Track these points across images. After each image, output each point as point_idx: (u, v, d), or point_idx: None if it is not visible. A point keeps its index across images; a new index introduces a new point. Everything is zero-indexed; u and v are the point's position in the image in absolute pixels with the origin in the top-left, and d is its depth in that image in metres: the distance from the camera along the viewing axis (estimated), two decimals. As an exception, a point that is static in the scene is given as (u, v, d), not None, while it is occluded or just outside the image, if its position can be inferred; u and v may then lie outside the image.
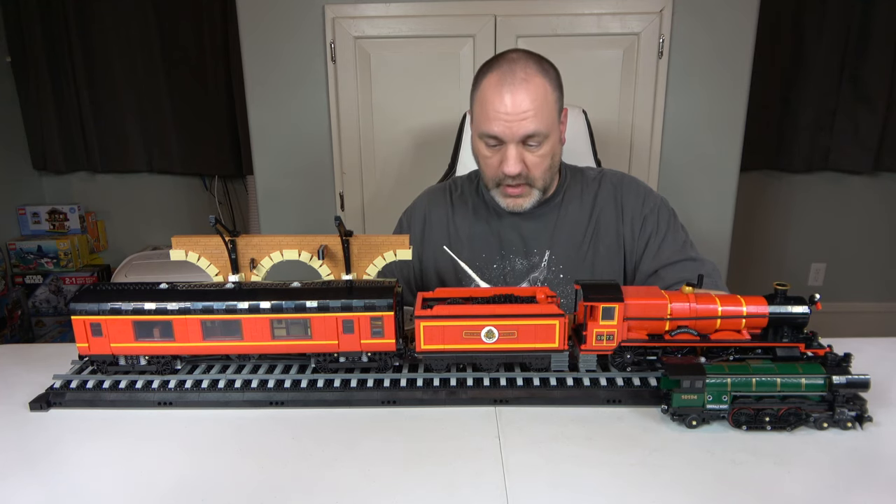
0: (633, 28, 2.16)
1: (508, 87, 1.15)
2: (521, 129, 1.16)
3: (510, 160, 1.18)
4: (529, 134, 1.17)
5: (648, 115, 2.25)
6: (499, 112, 1.16)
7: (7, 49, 2.98)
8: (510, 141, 1.18)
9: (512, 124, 1.15)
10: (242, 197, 3.26)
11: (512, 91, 1.15)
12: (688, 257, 1.28)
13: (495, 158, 1.22)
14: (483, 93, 1.19)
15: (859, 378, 0.85)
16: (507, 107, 1.15)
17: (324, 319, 0.93)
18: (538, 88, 1.16)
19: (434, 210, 1.40)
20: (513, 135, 1.17)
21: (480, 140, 1.23)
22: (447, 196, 1.41)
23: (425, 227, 1.39)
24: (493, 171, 1.24)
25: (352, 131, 2.31)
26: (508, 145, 1.18)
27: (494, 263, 1.34)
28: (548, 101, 1.18)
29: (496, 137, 1.19)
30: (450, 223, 1.38)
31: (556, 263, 1.32)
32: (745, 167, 2.51)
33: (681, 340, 0.94)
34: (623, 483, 0.75)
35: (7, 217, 3.08)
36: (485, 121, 1.19)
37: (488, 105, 1.17)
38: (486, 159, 1.24)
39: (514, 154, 1.18)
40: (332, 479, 0.77)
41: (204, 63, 2.96)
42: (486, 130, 1.19)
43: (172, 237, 1.01)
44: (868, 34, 2.78)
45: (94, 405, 0.95)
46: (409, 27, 2.20)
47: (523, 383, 0.95)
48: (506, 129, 1.16)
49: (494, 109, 1.16)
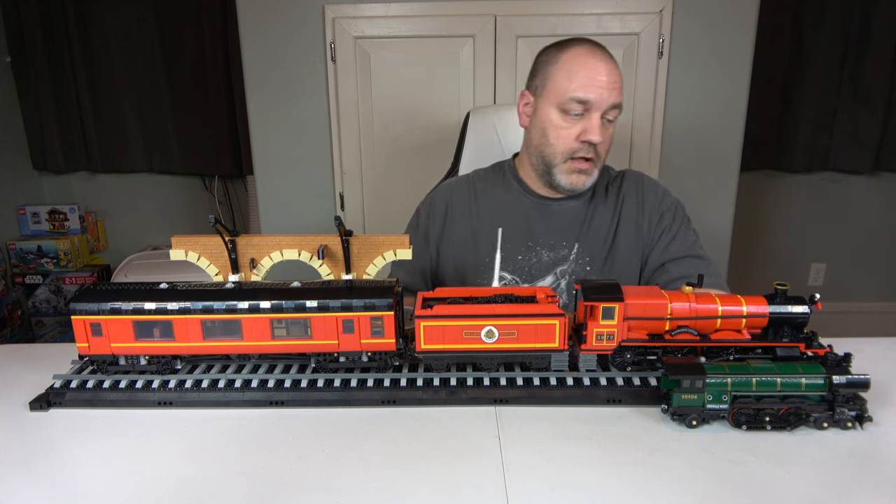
0: (633, 28, 2.16)
1: (599, 56, 1.22)
2: (613, 97, 1.21)
3: (595, 127, 1.21)
4: (616, 104, 1.22)
5: (648, 115, 2.25)
6: (592, 78, 1.20)
7: (7, 49, 2.98)
8: (599, 108, 1.21)
9: (605, 91, 1.20)
10: (242, 197, 3.26)
11: (601, 60, 1.21)
12: (695, 255, 1.30)
13: (574, 129, 1.24)
14: (571, 61, 1.22)
15: (859, 378, 0.85)
16: (602, 74, 1.20)
17: (324, 319, 0.93)
18: (617, 68, 1.24)
19: (457, 202, 1.40)
20: (603, 101, 1.20)
21: (559, 110, 1.24)
22: (471, 188, 1.41)
23: (447, 219, 1.39)
24: (568, 143, 1.25)
25: (352, 131, 2.31)
26: (593, 114, 1.21)
27: (520, 255, 1.34)
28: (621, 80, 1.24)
29: (585, 103, 1.21)
30: (473, 215, 1.37)
31: (583, 256, 1.33)
32: (745, 167, 2.51)
33: (681, 340, 0.94)
34: (623, 483, 0.75)
35: (7, 217, 3.08)
36: (577, 86, 1.21)
37: (581, 71, 1.21)
38: (562, 130, 1.25)
39: (598, 122, 1.22)
40: (332, 478, 0.77)
41: (204, 63, 2.96)
42: (580, 95, 1.20)
43: (172, 237, 1.01)
44: (868, 34, 2.78)
45: (94, 405, 0.95)
46: (409, 27, 2.20)
47: (523, 383, 0.95)
48: (600, 94, 1.20)
49: (588, 75, 1.20)
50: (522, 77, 2.28)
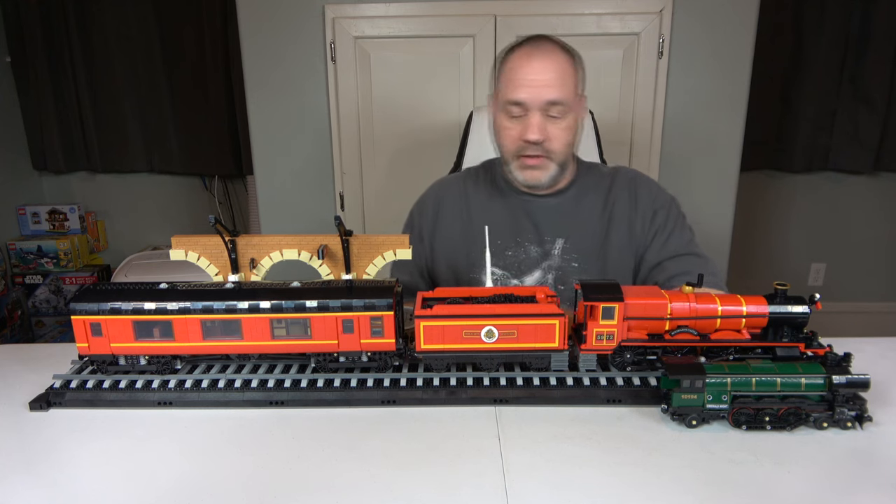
0: (633, 28, 2.16)
1: (534, 56, 1.23)
2: (545, 95, 1.21)
3: (533, 125, 1.23)
4: (552, 100, 1.22)
5: (648, 115, 2.25)
6: (524, 78, 1.22)
7: (7, 49, 2.98)
8: (534, 107, 1.22)
9: (537, 89, 1.21)
10: (242, 197, 3.26)
11: (537, 59, 1.22)
12: (693, 252, 1.30)
13: (517, 129, 1.26)
14: (510, 65, 1.25)
15: (859, 378, 0.85)
16: (533, 73, 1.21)
17: (323, 319, 0.93)
18: (561, 62, 1.23)
19: (446, 198, 1.42)
20: (536, 100, 1.22)
21: (503, 112, 1.27)
22: (461, 184, 1.43)
23: (438, 215, 1.41)
24: (514, 142, 1.27)
25: (352, 131, 2.31)
26: (531, 113, 1.23)
27: (509, 250, 1.35)
28: (569, 74, 1.24)
29: (521, 104, 1.23)
30: (463, 211, 1.40)
31: (570, 252, 1.34)
32: (745, 167, 2.51)
33: (681, 340, 0.94)
34: (623, 483, 0.75)
35: (7, 217, 3.08)
36: (511, 89, 1.23)
37: (515, 73, 1.23)
38: (508, 130, 1.27)
39: (536, 120, 1.23)
40: (332, 478, 0.77)
41: (204, 63, 2.95)
42: (512, 97, 1.23)
43: (172, 237, 1.01)
44: (868, 34, 2.78)
45: (94, 405, 0.95)
46: (409, 27, 2.20)
47: (523, 383, 0.95)
48: (531, 94, 1.21)
49: (521, 77, 1.22)
50: (522, 77, 2.29)
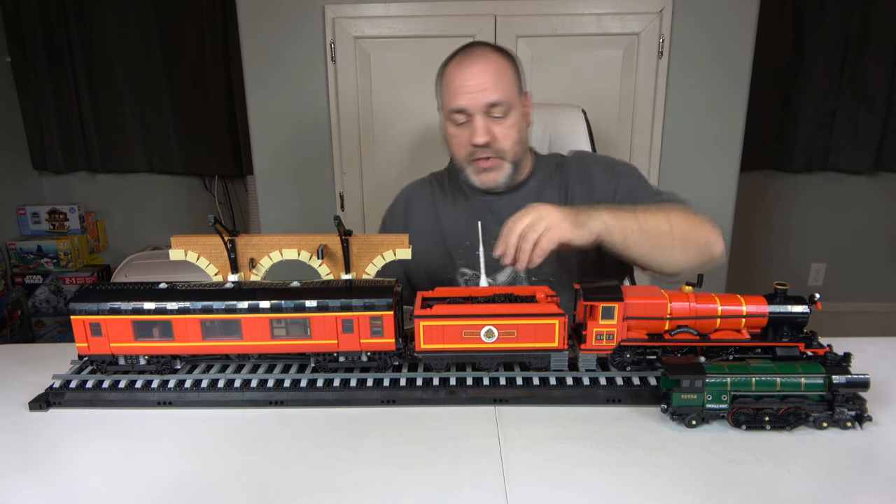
0: (633, 28, 2.16)
1: (467, 63, 1.24)
2: (484, 98, 1.22)
3: (478, 129, 1.24)
4: (492, 102, 1.23)
5: (648, 115, 2.25)
6: (461, 86, 1.23)
7: (7, 49, 2.98)
8: (475, 112, 1.23)
9: (475, 94, 1.22)
10: (242, 197, 3.26)
11: (471, 65, 1.24)
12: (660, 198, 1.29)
13: (464, 135, 1.27)
14: (447, 76, 1.27)
15: (859, 378, 0.85)
16: (469, 79, 1.23)
17: (323, 319, 0.93)
18: (495, 63, 1.25)
19: (415, 202, 1.45)
20: (476, 104, 1.23)
21: (449, 121, 1.29)
22: (428, 187, 1.46)
23: (407, 218, 1.44)
24: (463, 149, 1.29)
25: (352, 131, 2.31)
26: (475, 117, 1.24)
27: (477, 250, 1.36)
28: (506, 74, 1.25)
29: (463, 111, 1.24)
30: (431, 212, 1.42)
31: None
32: (745, 167, 2.51)
33: (680, 340, 0.94)
34: (623, 483, 0.75)
35: (7, 217, 3.08)
36: (450, 99, 1.25)
37: (452, 83, 1.25)
38: (456, 138, 1.29)
39: (480, 124, 1.24)
40: (332, 478, 0.77)
41: (204, 63, 2.95)
42: (453, 106, 1.25)
43: (172, 237, 1.01)
44: (868, 34, 2.77)
45: (94, 405, 0.95)
46: (409, 27, 2.20)
47: (523, 383, 0.95)
48: (470, 99, 1.23)
49: (458, 85, 1.24)
50: (522, 77, 2.29)
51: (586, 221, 1.04)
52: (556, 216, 1.02)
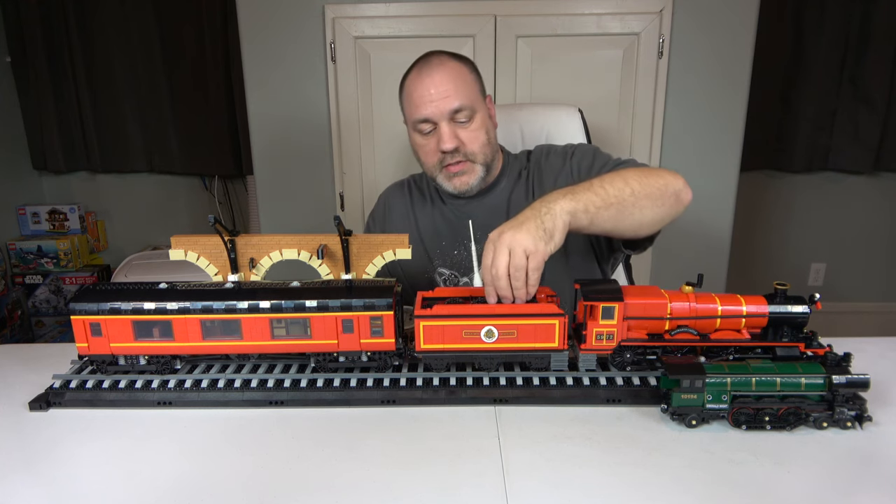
0: (633, 28, 2.16)
1: (427, 72, 1.26)
2: (447, 105, 1.24)
3: (444, 135, 1.25)
4: (455, 108, 1.24)
5: (648, 115, 2.25)
6: (423, 96, 1.25)
7: (7, 49, 2.98)
8: (440, 119, 1.25)
9: (437, 102, 1.24)
10: (242, 197, 3.26)
11: (430, 74, 1.25)
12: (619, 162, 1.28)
13: (431, 143, 1.29)
14: (408, 88, 1.29)
15: (859, 378, 0.85)
16: (430, 87, 1.24)
17: (323, 319, 0.93)
18: (453, 69, 1.26)
19: (394, 204, 1.47)
20: (440, 112, 1.24)
21: (415, 132, 1.30)
22: (405, 190, 1.48)
23: (386, 220, 1.46)
24: (433, 156, 1.30)
25: (352, 131, 2.31)
26: (440, 124, 1.25)
27: (455, 250, 1.38)
28: (466, 79, 1.27)
29: (427, 120, 1.26)
30: (409, 215, 1.44)
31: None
32: (745, 167, 2.51)
33: (680, 340, 0.94)
34: (623, 483, 0.75)
35: (7, 217, 3.08)
36: (414, 109, 1.27)
37: (414, 94, 1.26)
38: (424, 147, 1.31)
39: (447, 130, 1.25)
40: (332, 478, 0.77)
41: (204, 63, 2.95)
42: (418, 116, 1.26)
43: (172, 237, 1.01)
44: (868, 34, 2.77)
45: (94, 405, 0.95)
46: (409, 27, 2.20)
47: (523, 383, 0.95)
48: (433, 108, 1.24)
49: (419, 96, 1.25)
50: (522, 77, 2.28)
51: (552, 224, 0.97)
52: (527, 238, 0.94)
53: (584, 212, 1.02)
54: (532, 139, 1.59)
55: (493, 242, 0.96)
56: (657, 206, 1.10)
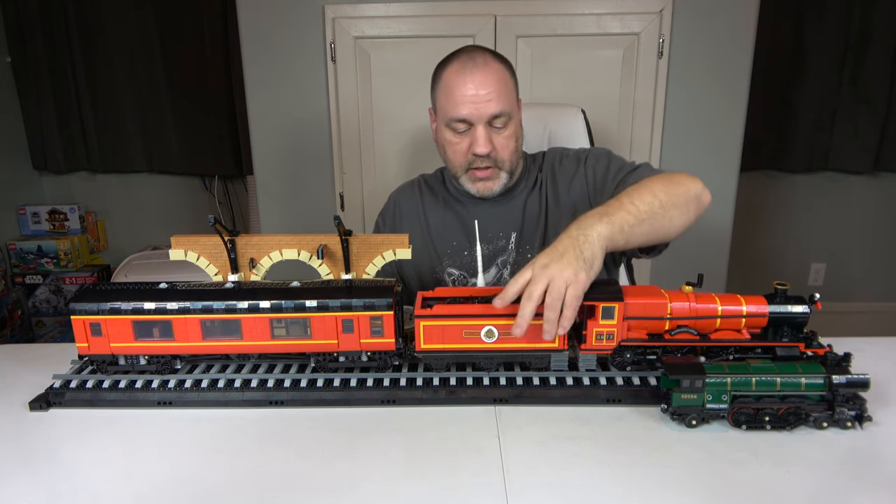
0: (633, 28, 2.16)
1: (471, 71, 1.22)
2: (488, 109, 1.21)
3: (480, 139, 1.23)
4: (495, 114, 1.22)
5: (648, 115, 2.25)
6: (466, 95, 1.21)
7: (7, 49, 2.98)
8: (478, 122, 1.23)
9: (479, 105, 1.21)
10: (242, 197, 3.26)
11: (475, 74, 1.21)
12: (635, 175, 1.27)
13: (463, 143, 1.26)
14: (447, 81, 1.25)
15: (859, 378, 0.85)
16: (473, 89, 1.21)
17: (323, 319, 0.93)
18: (498, 72, 1.23)
19: (405, 203, 1.46)
20: (480, 115, 1.22)
21: (447, 128, 1.27)
22: (416, 190, 1.47)
23: (396, 220, 1.45)
24: (462, 157, 1.28)
25: (352, 131, 2.31)
26: (477, 127, 1.23)
27: (465, 251, 1.38)
28: (507, 84, 1.25)
29: (465, 121, 1.23)
30: (420, 215, 1.43)
31: (523, 245, 1.35)
32: (745, 167, 2.51)
33: (681, 340, 0.94)
34: (623, 483, 0.75)
35: (7, 217, 3.08)
36: (453, 107, 1.23)
37: (455, 91, 1.22)
38: (454, 146, 1.28)
39: (483, 134, 1.23)
40: (332, 478, 0.77)
41: (204, 63, 2.95)
42: (455, 115, 1.23)
43: (172, 237, 1.01)
44: (868, 34, 2.77)
45: (94, 405, 0.95)
46: (409, 27, 2.20)
47: (523, 383, 0.95)
48: (473, 110, 1.21)
49: (461, 94, 1.21)
50: (522, 77, 2.26)
51: (591, 252, 0.95)
52: (568, 270, 0.91)
53: (620, 233, 1.02)
54: (534, 139, 1.59)
55: (531, 268, 0.93)
56: (683, 214, 1.13)
